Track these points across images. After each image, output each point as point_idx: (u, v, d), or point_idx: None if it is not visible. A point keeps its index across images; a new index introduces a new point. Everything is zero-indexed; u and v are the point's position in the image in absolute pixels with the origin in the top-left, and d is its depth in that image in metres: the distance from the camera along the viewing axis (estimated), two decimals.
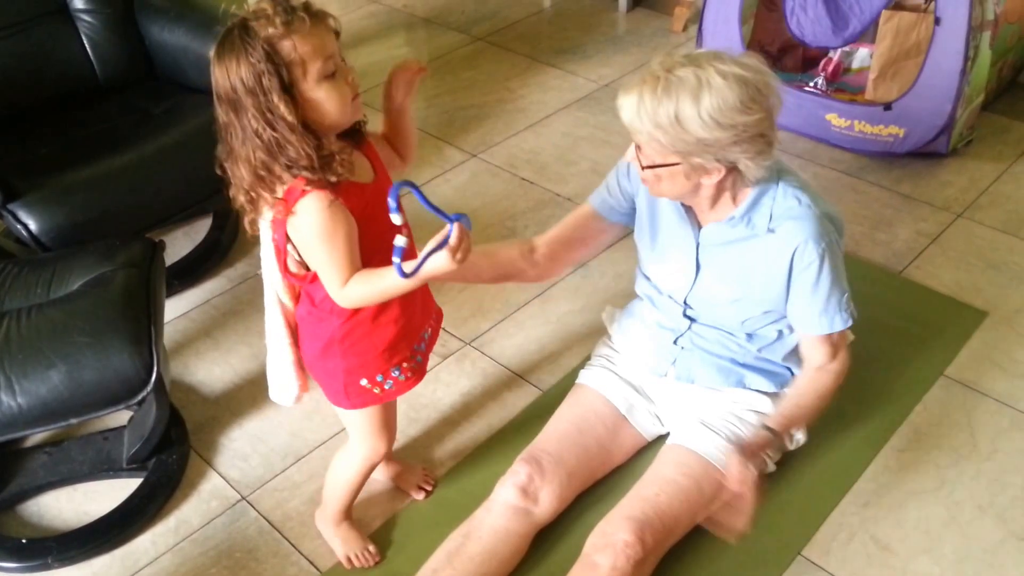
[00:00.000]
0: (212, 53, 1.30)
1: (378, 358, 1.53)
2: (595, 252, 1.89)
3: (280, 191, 1.35)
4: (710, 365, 1.81)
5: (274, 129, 1.28)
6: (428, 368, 2.20)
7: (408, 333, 1.56)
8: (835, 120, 2.89)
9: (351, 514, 1.83)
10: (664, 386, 1.87)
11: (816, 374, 1.73)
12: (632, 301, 1.96)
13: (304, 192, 1.33)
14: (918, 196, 2.73)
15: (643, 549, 1.62)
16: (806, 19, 2.86)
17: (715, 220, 1.66)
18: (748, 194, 1.61)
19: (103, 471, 2.00)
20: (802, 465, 1.91)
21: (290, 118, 1.28)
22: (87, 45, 2.52)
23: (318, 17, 1.30)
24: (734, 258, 1.67)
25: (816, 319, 1.66)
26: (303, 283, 1.48)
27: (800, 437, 1.86)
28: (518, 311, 2.39)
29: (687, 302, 1.78)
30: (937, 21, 2.62)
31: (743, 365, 1.79)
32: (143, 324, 1.80)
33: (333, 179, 1.33)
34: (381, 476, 1.95)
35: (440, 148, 3.05)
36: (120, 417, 2.08)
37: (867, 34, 2.98)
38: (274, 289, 1.54)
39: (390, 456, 1.88)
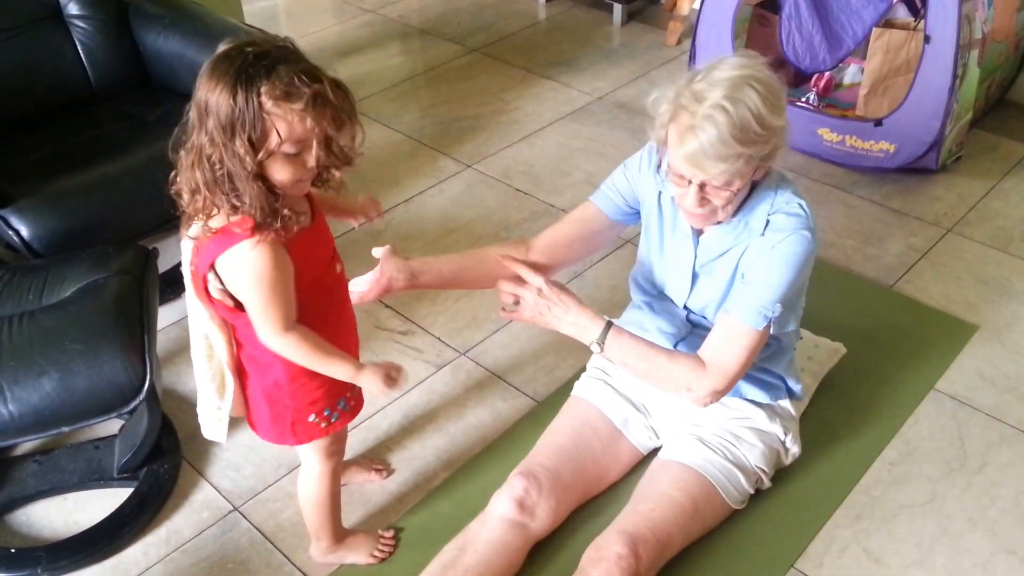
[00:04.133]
0: (210, 62, 1.26)
1: (326, 395, 1.53)
2: (591, 251, 1.89)
3: (217, 219, 1.31)
4: None
5: (227, 164, 1.25)
6: (423, 378, 2.23)
7: (354, 351, 1.58)
8: (827, 135, 2.92)
9: (343, 530, 1.81)
10: (661, 396, 1.88)
11: (697, 369, 1.62)
12: (627, 311, 1.97)
13: (246, 236, 1.30)
14: (908, 211, 2.76)
15: (637, 564, 1.62)
16: (801, 42, 2.90)
17: (714, 224, 1.67)
18: (747, 197, 1.62)
19: (93, 480, 1.99)
20: (795, 478, 1.92)
21: (248, 166, 1.25)
22: (81, 51, 2.52)
23: (323, 103, 1.25)
24: (728, 265, 1.68)
25: (753, 301, 1.60)
26: (233, 318, 1.43)
27: (795, 450, 1.87)
28: (512, 322, 2.39)
29: (687, 307, 1.79)
30: (927, 39, 2.65)
31: None
32: (136, 332, 1.79)
33: (279, 227, 1.31)
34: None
35: (435, 159, 3.06)
36: (111, 426, 2.07)
37: (858, 50, 3.01)
38: (202, 331, 1.48)
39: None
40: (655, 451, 1.91)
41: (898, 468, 1.97)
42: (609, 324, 1.65)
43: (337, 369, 1.41)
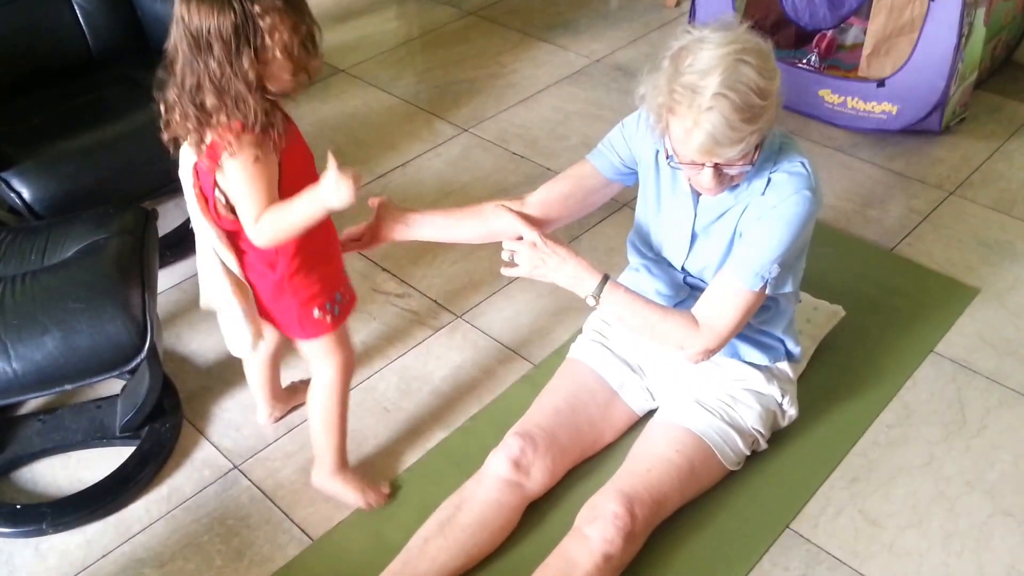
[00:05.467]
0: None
1: (323, 290, 1.66)
2: (587, 209, 1.87)
3: (210, 135, 1.44)
4: None
5: (231, 79, 1.38)
6: (420, 341, 2.24)
7: (339, 259, 1.72)
8: (828, 96, 2.89)
9: (346, 461, 1.86)
10: (659, 357, 1.88)
11: (690, 327, 1.63)
12: (624, 273, 1.97)
13: (239, 136, 1.42)
14: (910, 173, 2.74)
15: (633, 522, 1.63)
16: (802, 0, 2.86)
17: None
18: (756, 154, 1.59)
19: (96, 439, 2.01)
20: (792, 439, 1.93)
21: (251, 77, 1.39)
22: (79, 16, 2.51)
23: (295, 3, 1.40)
24: (729, 224, 1.67)
25: (752, 261, 1.59)
26: (236, 229, 1.56)
27: (792, 412, 1.87)
28: (509, 284, 2.39)
29: (685, 268, 1.79)
30: None
31: (740, 336, 1.78)
32: (137, 291, 1.80)
33: (276, 132, 1.45)
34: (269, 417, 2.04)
35: (431, 122, 3.04)
36: (113, 386, 2.08)
37: (861, 10, 2.97)
38: (210, 245, 1.60)
39: (280, 397, 2.03)
40: (651, 413, 1.91)
41: (895, 431, 1.98)
42: (605, 277, 1.65)
43: (307, 207, 1.46)
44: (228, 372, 2.18)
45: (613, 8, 3.74)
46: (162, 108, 1.48)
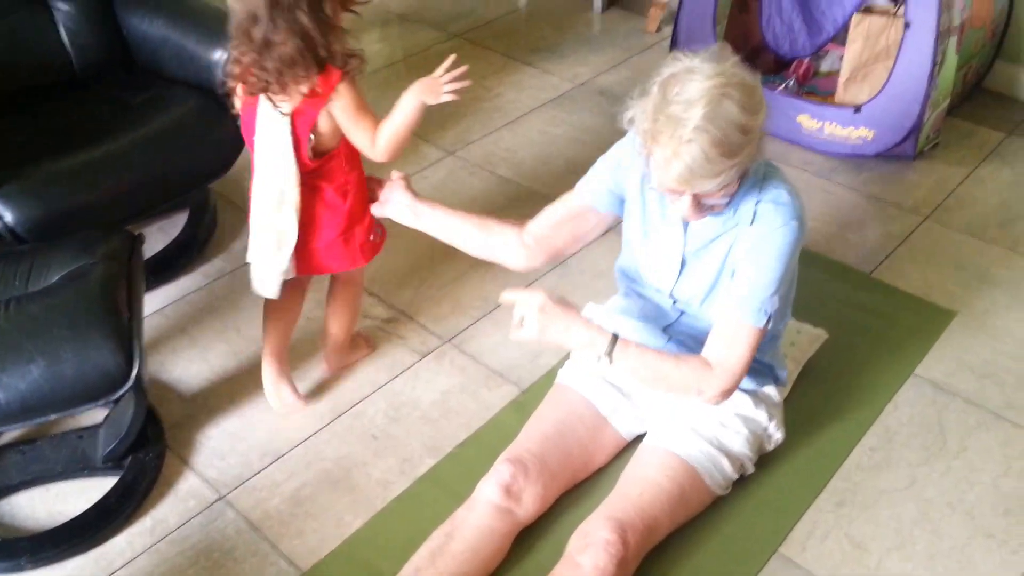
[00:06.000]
0: None
1: (371, 220, 1.95)
2: (586, 242, 1.91)
3: (304, 85, 1.70)
4: None
5: (319, 25, 1.65)
6: (408, 366, 2.24)
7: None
8: (806, 122, 2.94)
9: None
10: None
11: (704, 370, 1.65)
12: (612, 299, 1.98)
13: (339, 78, 1.72)
14: (887, 198, 2.79)
15: (625, 549, 1.63)
16: (781, 28, 2.92)
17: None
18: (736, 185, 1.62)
19: (78, 470, 1.98)
20: (778, 463, 1.94)
21: (334, 19, 1.69)
22: (64, 35, 2.48)
23: None
24: (719, 252, 1.70)
25: (753, 298, 1.63)
26: (324, 166, 1.82)
27: (778, 436, 1.89)
28: (497, 309, 2.40)
29: (673, 295, 1.80)
30: (907, 25, 2.67)
31: None
32: (123, 318, 1.78)
33: (356, 66, 1.74)
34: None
35: (417, 146, 3.05)
36: (95, 415, 2.05)
37: (837, 37, 3.03)
38: (279, 187, 1.81)
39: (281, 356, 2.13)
40: (640, 437, 1.92)
41: (878, 454, 2.00)
42: (615, 337, 1.66)
43: (407, 111, 1.80)
44: (212, 399, 2.16)
45: (595, 33, 3.78)
46: (236, 71, 1.72)
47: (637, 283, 1.87)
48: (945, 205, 2.75)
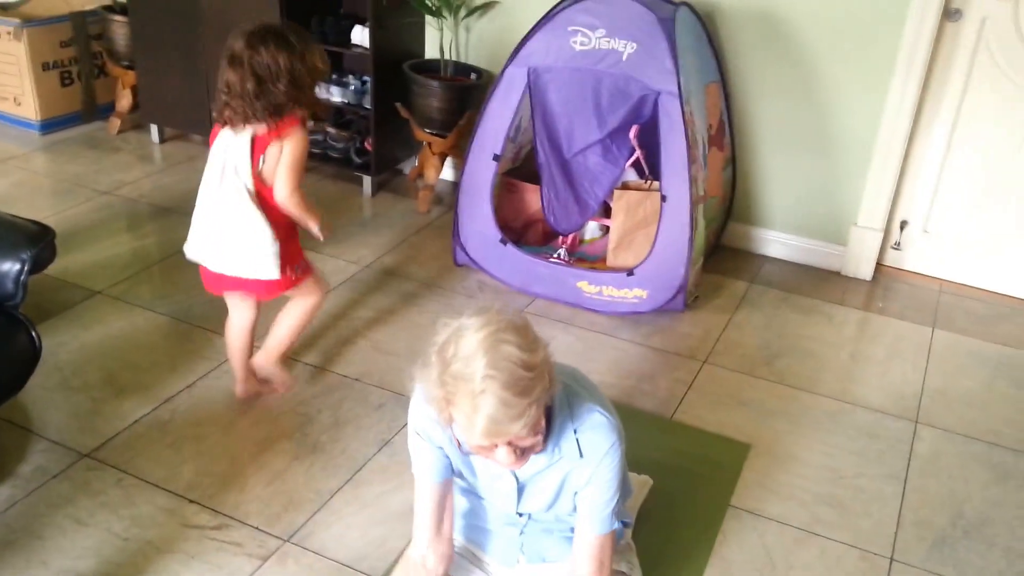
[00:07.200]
0: (275, 40, 2.22)
1: (294, 254, 2.47)
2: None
3: (273, 122, 2.26)
4: (558, 539, 1.89)
5: (307, 77, 2.27)
6: (249, 574, 2.11)
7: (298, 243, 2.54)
8: (585, 287, 3.22)
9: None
10: (518, 571, 1.93)
11: None
12: (459, 494, 1.94)
13: (297, 122, 2.31)
14: (667, 348, 3.08)
15: None
16: (559, 208, 3.23)
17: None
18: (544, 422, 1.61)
19: None
20: None
21: (318, 75, 2.32)
22: None
23: None
24: (554, 478, 1.75)
25: (601, 513, 1.74)
26: (260, 191, 2.33)
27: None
28: (331, 498, 2.33)
29: (519, 512, 1.84)
30: (663, 199, 3.06)
31: None
32: None
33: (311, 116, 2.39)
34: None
35: (211, 339, 2.95)
36: None
37: (599, 210, 3.38)
38: (245, 187, 2.30)
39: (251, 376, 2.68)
40: None
41: None
42: None
43: (311, 215, 2.43)
44: None
45: (369, 216, 3.92)
46: (224, 99, 2.24)
47: (482, 500, 1.89)
48: (716, 350, 3.09)
